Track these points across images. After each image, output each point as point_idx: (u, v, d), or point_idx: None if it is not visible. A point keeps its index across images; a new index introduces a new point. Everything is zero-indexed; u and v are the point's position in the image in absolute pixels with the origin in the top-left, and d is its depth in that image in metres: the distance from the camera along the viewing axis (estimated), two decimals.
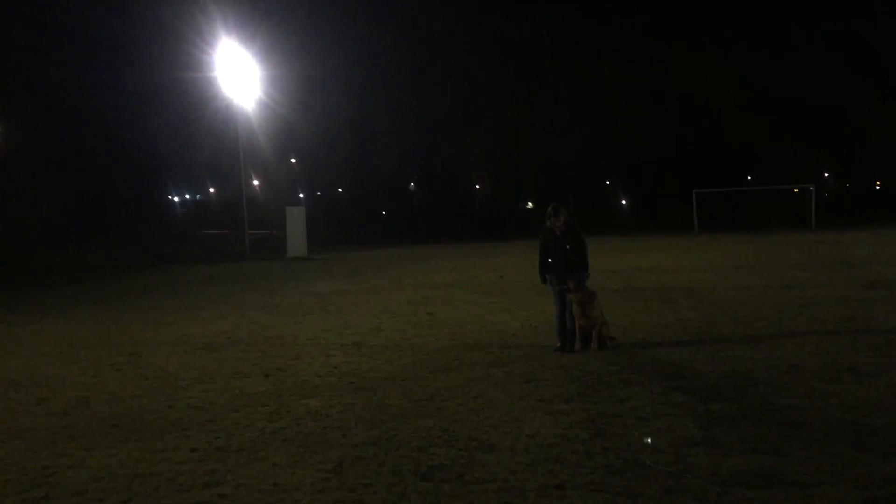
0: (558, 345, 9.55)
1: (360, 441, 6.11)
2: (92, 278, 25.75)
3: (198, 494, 5.09)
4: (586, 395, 7.27)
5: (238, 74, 36.81)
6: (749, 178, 72.40)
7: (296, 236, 34.80)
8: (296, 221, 35.06)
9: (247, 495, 5.04)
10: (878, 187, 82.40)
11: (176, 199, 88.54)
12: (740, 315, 11.82)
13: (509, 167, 69.70)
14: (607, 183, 79.40)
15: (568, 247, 9.52)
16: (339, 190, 76.35)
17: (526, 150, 70.24)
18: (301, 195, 71.61)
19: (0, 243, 34.45)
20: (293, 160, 71.83)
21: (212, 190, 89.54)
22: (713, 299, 13.81)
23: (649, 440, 5.67)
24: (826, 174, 79.00)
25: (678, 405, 6.76)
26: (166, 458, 5.86)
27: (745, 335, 10.07)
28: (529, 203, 74.90)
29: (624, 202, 76.17)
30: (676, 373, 8.02)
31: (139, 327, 13.11)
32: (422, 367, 8.93)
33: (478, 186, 75.42)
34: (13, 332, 13.26)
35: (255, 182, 69.84)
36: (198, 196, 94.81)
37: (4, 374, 9.43)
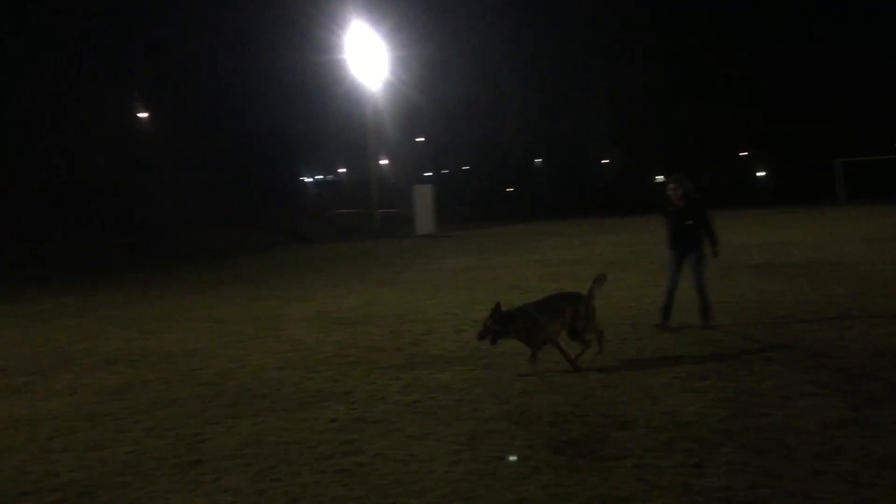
0: (659, 321, 9.29)
1: (492, 415, 6.16)
2: (233, 257, 27.09)
3: (338, 462, 5.28)
4: (724, 372, 7.04)
5: (367, 56, 37.53)
6: None
7: (424, 214, 35.37)
8: (424, 199, 35.62)
9: (384, 465, 5.18)
10: None
11: (308, 179, 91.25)
12: (893, 290, 11.10)
13: (638, 140, 67.88)
14: (744, 154, 75.98)
15: (689, 222, 9.16)
16: (466, 167, 76.69)
17: (655, 123, 68.15)
18: (428, 173, 72.40)
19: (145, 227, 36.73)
20: (420, 139, 72.67)
21: (342, 170, 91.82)
22: (862, 274, 13.03)
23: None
24: None
25: (824, 384, 6.43)
26: (308, 428, 6.11)
27: None
28: (660, 177, 72.77)
29: (762, 173, 72.79)
30: (822, 350, 7.63)
31: (278, 303, 13.69)
32: None
33: (606, 161, 73.93)
34: (165, 307, 14.14)
35: (384, 161, 71.19)
36: (329, 176, 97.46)
37: (159, 347, 10.08)
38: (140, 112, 47.18)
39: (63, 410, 7.14)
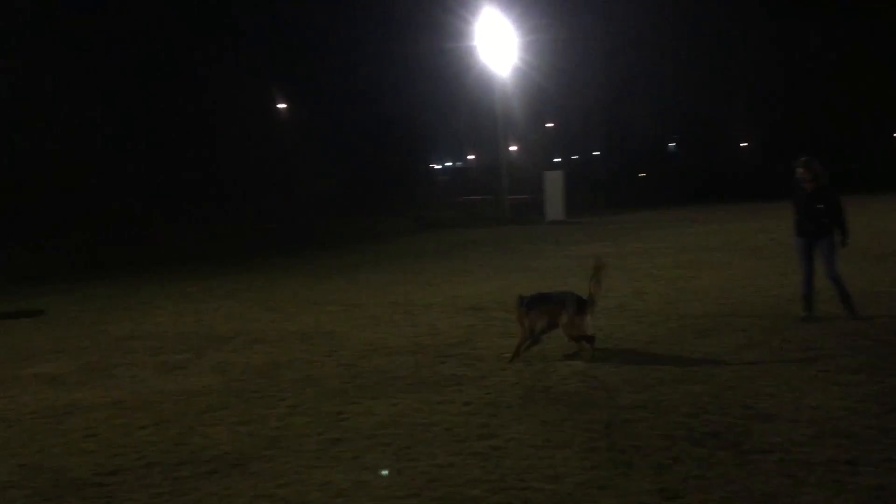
0: (804, 313, 8.80)
1: (628, 404, 6.07)
2: (366, 243, 27.79)
3: (473, 445, 5.35)
4: (877, 366, 6.64)
5: (496, 42, 37.47)
6: None
7: (554, 200, 35.03)
8: (554, 185, 35.28)
9: (518, 449, 5.21)
10: None
11: (437, 166, 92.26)
12: None
13: (779, 122, 64.58)
14: None
15: (819, 206, 8.71)
16: (596, 153, 75.45)
17: (799, 103, 64.59)
18: (557, 159, 71.76)
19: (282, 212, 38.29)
20: (549, 125, 72.03)
21: (471, 157, 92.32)
22: None
23: None
24: None
25: None
26: (442, 410, 6.22)
27: None
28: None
29: None
30: None
31: (411, 288, 13.95)
32: (688, 331, 8.66)
33: (744, 144, 70.83)
34: (303, 291, 14.68)
35: (513, 148, 71.02)
36: (458, 163, 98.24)
37: (299, 329, 10.50)
38: (279, 103, 49.09)
39: (214, 387, 7.58)
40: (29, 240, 26.84)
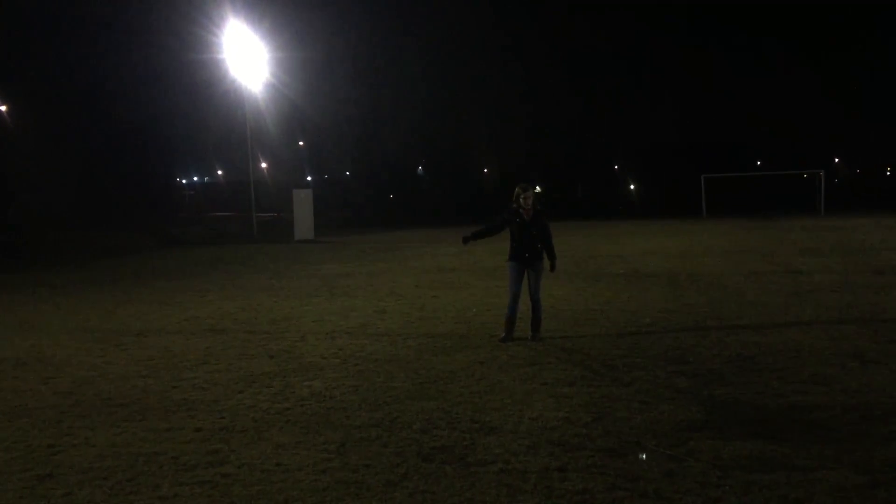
0: (503, 335, 9.23)
1: (363, 422, 6.13)
2: (100, 260, 25.85)
3: (201, 474, 5.12)
4: (590, 378, 7.28)
5: (246, 57, 36.74)
6: (759, 163, 72.08)
7: (303, 219, 34.86)
8: (303, 204, 35.12)
9: (249, 475, 5.07)
10: (888, 173, 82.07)
11: (184, 181, 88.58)
12: (746, 300, 11.80)
13: (517, 152, 69.38)
14: (615, 168, 79.12)
15: (534, 232, 9.11)
16: (347, 173, 76.26)
17: (535, 135, 69.88)
18: (308, 178, 71.57)
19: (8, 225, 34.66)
20: (301, 143, 71.75)
21: (220, 172, 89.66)
22: (719, 284, 13.78)
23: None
24: (836, 159, 78.37)
25: (681, 389, 6.77)
26: (170, 438, 5.90)
27: (751, 320, 10.06)
28: (538, 188, 74.58)
29: (632, 186, 75.99)
30: (681, 357, 8.02)
31: (146, 308, 13.16)
32: (426, 349, 8.95)
33: (486, 170, 75.16)
34: (22, 312, 13.33)
35: (263, 165, 69.89)
36: (206, 179, 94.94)
37: (12, 354, 9.49)
38: None
39: None
40: None
